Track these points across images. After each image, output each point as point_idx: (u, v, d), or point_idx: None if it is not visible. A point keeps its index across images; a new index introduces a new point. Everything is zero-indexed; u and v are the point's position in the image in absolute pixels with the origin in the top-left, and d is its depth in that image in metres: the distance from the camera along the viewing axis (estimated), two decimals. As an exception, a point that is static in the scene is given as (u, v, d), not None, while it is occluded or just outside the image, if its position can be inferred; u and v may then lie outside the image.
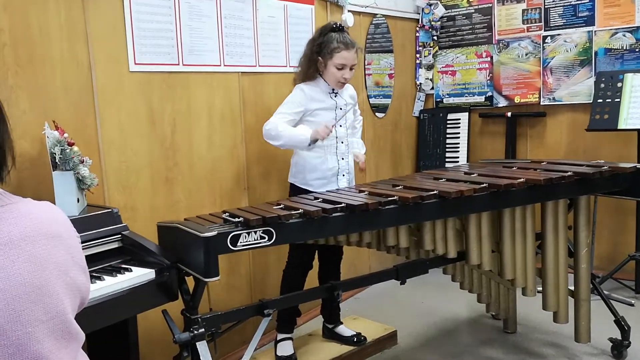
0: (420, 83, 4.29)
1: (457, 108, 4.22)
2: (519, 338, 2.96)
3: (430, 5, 4.22)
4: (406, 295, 3.57)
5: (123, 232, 1.89)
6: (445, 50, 4.29)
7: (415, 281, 2.70)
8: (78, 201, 1.91)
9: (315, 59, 2.59)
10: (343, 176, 2.68)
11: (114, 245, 1.87)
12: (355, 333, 2.86)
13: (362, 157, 2.73)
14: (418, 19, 4.26)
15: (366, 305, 3.52)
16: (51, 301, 0.89)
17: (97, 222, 1.85)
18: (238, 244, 1.77)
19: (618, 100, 3.32)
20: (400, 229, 2.17)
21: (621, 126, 3.27)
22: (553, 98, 3.83)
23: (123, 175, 2.35)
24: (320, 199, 2.10)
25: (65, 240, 0.95)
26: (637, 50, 3.50)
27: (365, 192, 2.16)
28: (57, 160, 1.87)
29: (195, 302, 1.92)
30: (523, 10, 3.90)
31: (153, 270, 1.76)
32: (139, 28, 2.37)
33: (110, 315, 1.63)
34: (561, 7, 3.74)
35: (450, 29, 4.25)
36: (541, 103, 3.87)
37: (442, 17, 4.25)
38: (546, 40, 3.82)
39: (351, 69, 2.60)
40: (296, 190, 2.65)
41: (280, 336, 2.73)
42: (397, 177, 2.74)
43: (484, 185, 2.15)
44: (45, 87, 2.08)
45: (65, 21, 2.12)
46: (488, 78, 4.11)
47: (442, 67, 4.31)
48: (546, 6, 3.80)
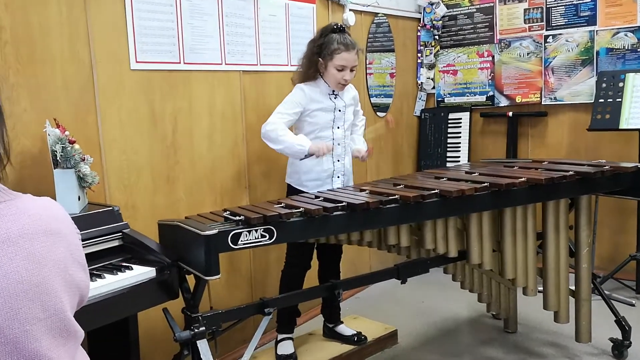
0: (421, 82, 4.29)
1: (459, 107, 4.22)
2: (520, 338, 2.96)
3: (431, 4, 4.21)
4: (407, 294, 3.56)
5: (124, 230, 1.89)
6: (446, 49, 4.29)
7: (415, 280, 2.70)
8: (79, 199, 1.91)
9: (315, 60, 2.57)
10: (338, 178, 2.66)
11: (115, 243, 1.87)
12: (355, 332, 2.86)
13: (364, 152, 2.73)
14: (420, 18, 4.26)
15: (367, 304, 3.52)
16: (49, 299, 0.89)
17: (98, 220, 1.85)
18: (239, 243, 1.77)
19: (619, 100, 3.31)
20: (401, 228, 2.16)
21: (622, 126, 3.27)
22: (554, 98, 3.83)
23: (124, 173, 2.35)
24: (321, 198, 2.10)
25: (64, 237, 0.95)
26: (639, 50, 3.50)
27: (366, 191, 2.16)
28: (58, 158, 1.87)
29: (195, 301, 1.92)
30: (525, 9, 3.89)
31: (154, 268, 1.76)
32: (140, 26, 2.37)
33: (110, 313, 1.63)
34: (563, 7, 3.73)
35: (451, 29, 4.25)
36: (542, 103, 3.87)
37: (444, 17, 4.25)
38: (548, 39, 3.82)
39: (352, 71, 2.57)
40: (292, 190, 2.64)
41: (280, 336, 2.73)
42: (398, 176, 2.73)
43: (485, 184, 2.15)
44: (46, 85, 2.08)
45: (66, 19, 2.12)
46: (489, 77, 4.10)
47: (444, 67, 4.31)
48: (548, 6, 3.79)
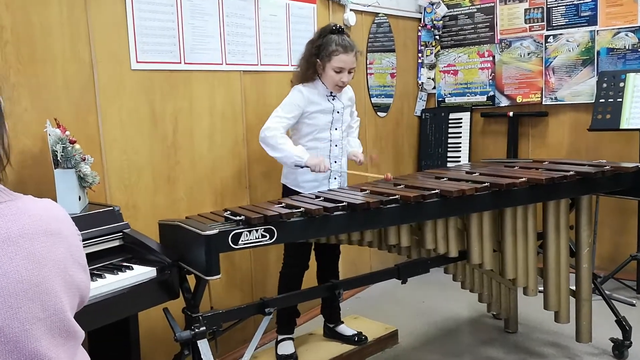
0: (422, 82, 4.29)
1: (459, 107, 4.22)
2: (520, 338, 2.96)
3: (432, 4, 4.21)
4: (407, 294, 3.56)
5: (124, 230, 1.90)
6: (447, 49, 4.29)
7: (416, 280, 2.70)
8: (79, 199, 1.91)
9: (313, 61, 2.54)
10: (335, 179, 2.66)
11: (116, 243, 1.87)
12: (356, 332, 2.86)
13: (361, 156, 2.72)
14: (420, 18, 4.26)
15: (367, 304, 3.52)
16: (49, 299, 0.89)
17: (99, 220, 1.86)
18: (239, 243, 1.77)
19: (620, 100, 3.31)
20: (401, 228, 2.16)
21: (623, 126, 3.26)
22: (555, 98, 3.83)
23: (124, 173, 2.35)
24: (321, 198, 2.10)
25: (65, 237, 0.95)
26: (639, 50, 3.50)
27: (366, 191, 2.16)
28: (59, 158, 1.87)
29: (196, 301, 1.92)
30: (525, 9, 3.89)
31: (154, 268, 1.76)
32: (141, 26, 2.38)
33: (111, 313, 1.63)
34: (563, 7, 3.73)
35: (452, 29, 4.25)
36: (543, 103, 3.87)
37: (444, 17, 4.25)
38: (548, 39, 3.82)
39: (350, 73, 2.55)
40: (288, 191, 2.62)
41: (280, 337, 2.73)
42: (399, 176, 2.73)
43: (486, 184, 2.15)
44: (47, 85, 2.08)
45: (67, 19, 2.12)
46: (490, 77, 4.10)
47: (444, 67, 4.31)
48: (548, 5, 3.79)
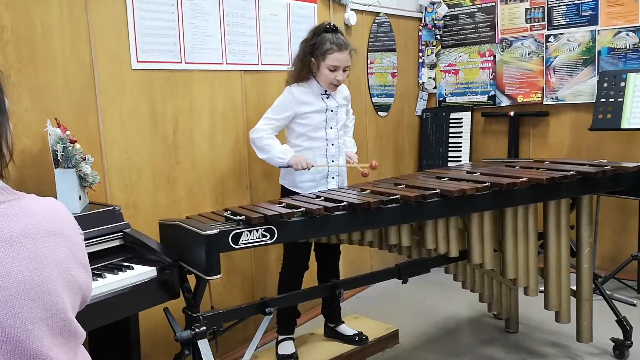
0: (422, 82, 4.28)
1: (460, 107, 4.22)
2: (521, 337, 2.95)
3: (433, 4, 4.21)
4: (408, 294, 3.56)
5: (125, 230, 1.90)
6: (448, 49, 4.29)
7: (417, 280, 2.70)
8: (80, 199, 1.91)
9: (308, 60, 2.53)
10: (333, 178, 2.65)
11: (116, 243, 1.87)
12: (356, 332, 2.86)
13: (355, 157, 2.71)
14: (421, 18, 4.25)
15: (368, 304, 3.52)
16: (51, 299, 0.89)
17: (99, 220, 1.86)
18: (240, 242, 1.77)
19: (621, 99, 3.31)
20: (402, 228, 2.16)
21: (624, 126, 3.26)
22: (556, 97, 3.82)
23: (125, 173, 2.35)
24: (322, 198, 2.10)
25: (67, 237, 0.95)
26: (641, 49, 3.50)
27: (367, 191, 2.16)
28: (59, 157, 1.87)
29: (196, 300, 1.92)
30: (526, 9, 3.89)
31: (155, 268, 1.76)
32: (142, 26, 2.38)
33: (111, 312, 1.63)
34: (564, 6, 3.73)
35: (453, 28, 4.25)
36: (544, 102, 3.87)
37: (445, 16, 4.24)
38: (549, 39, 3.81)
39: (344, 71, 2.54)
40: (286, 192, 2.62)
41: (281, 337, 2.73)
42: (400, 176, 2.73)
43: (487, 184, 2.15)
44: (47, 85, 2.08)
45: (67, 19, 2.12)
46: (491, 77, 4.10)
47: (445, 66, 4.31)
48: (549, 5, 3.79)
